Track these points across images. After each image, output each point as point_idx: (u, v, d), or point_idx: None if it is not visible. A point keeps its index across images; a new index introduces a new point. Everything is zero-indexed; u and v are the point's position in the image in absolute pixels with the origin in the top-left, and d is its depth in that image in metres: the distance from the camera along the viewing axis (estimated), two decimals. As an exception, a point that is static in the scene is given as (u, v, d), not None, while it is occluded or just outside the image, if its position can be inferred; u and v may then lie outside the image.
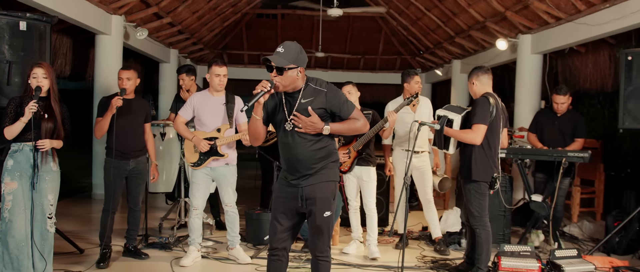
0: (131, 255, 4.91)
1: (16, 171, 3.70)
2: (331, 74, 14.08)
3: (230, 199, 4.87)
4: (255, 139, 3.25)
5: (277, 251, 3.24)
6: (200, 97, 4.77)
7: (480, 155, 4.33)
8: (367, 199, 5.22)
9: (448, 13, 9.82)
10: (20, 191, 3.68)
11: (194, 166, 4.77)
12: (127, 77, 4.68)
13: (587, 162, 5.23)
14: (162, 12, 9.03)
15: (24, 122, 3.63)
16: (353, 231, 5.46)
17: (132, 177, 4.80)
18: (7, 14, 4.51)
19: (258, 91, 2.97)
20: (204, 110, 4.73)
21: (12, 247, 3.65)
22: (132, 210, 4.89)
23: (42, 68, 3.76)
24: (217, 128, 4.74)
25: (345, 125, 3.17)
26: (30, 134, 3.69)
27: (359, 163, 5.17)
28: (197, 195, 4.78)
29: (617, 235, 5.49)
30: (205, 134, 4.73)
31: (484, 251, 4.37)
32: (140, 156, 4.83)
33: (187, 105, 4.75)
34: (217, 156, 4.73)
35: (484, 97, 4.36)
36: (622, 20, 6.11)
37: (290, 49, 3.05)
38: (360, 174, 5.20)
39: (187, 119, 4.75)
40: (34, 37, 4.61)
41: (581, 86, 8.64)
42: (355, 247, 5.38)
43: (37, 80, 3.73)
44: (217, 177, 4.82)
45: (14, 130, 3.65)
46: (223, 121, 4.75)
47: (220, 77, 4.69)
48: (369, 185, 5.20)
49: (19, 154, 3.72)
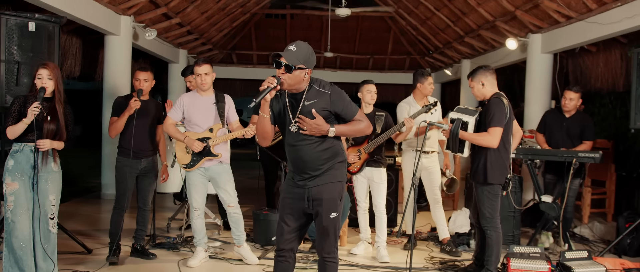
0: (139, 255, 4.92)
1: (17, 171, 3.69)
2: (340, 74, 14.08)
3: (231, 198, 4.82)
4: (263, 138, 3.23)
5: (284, 252, 3.23)
6: (190, 98, 4.75)
7: (495, 158, 4.27)
8: (377, 200, 5.18)
9: (457, 12, 9.76)
10: (21, 191, 3.68)
11: (187, 167, 4.73)
12: (144, 78, 4.72)
13: (598, 163, 5.17)
14: (171, 13, 9.06)
15: (26, 123, 3.61)
16: (361, 232, 5.42)
17: (142, 177, 4.83)
18: (16, 15, 4.54)
19: (265, 87, 2.96)
20: (194, 110, 4.70)
21: (16, 248, 3.65)
22: (142, 209, 4.91)
23: (47, 69, 3.74)
24: (210, 128, 4.71)
25: (350, 127, 3.15)
26: (32, 135, 3.66)
27: (370, 164, 5.13)
28: (195, 196, 4.76)
29: (629, 236, 5.43)
30: (197, 134, 4.69)
31: (494, 253, 4.32)
32: (152, 155, 4.86)
33: (176, 107, 4.73)
34: (210, 156, 4.70)
35: (497, 98, 4.27)
36: (633, 18, 6.03)
37: (302, 49, 3.04)
38: (370, 175, 5.17)
39: (176, 120, 4.73)
40: (42, 37, 4.65)
41: (592, 86, 8.56)
42: (363, 248, 5.35)
43: (41, 81, 3.71)
44: (213, 176, 4.78)
45: (16, 131, 3.64)
46: (215, 121, 4.73)
47: (201, 76, 4.66)
48: (380, 186, 5.16)
49: (20, 155, 3.71)
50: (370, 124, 3.23)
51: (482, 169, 4.30)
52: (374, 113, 5.18)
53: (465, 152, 4.47)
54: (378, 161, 5.14)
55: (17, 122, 3.65)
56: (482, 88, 4.39)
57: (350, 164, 5.14)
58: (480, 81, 4.39)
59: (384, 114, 5.19)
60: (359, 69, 14.25)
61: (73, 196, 8.11)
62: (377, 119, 5.12)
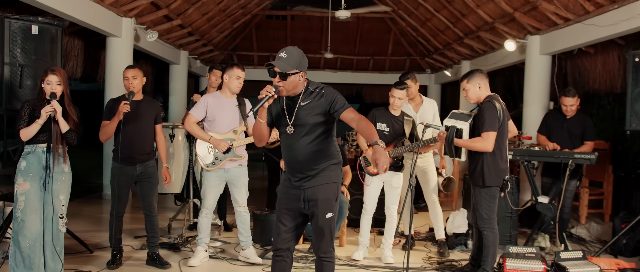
0: (153, 263, 4.74)
1: (29, 172, 3.78)
2: (340, 75, 14.13)
3: (244, 199, 4.89)
4: (259, 140, 3.35)
5: (281, 252, 3.29)
6: (214, 99, 4.76)
7: (491, 161, 4.33)
8: (389, 204, 5.10)
9: (457, 14, 9.81)
10: (32, 191, 3.77)
11: (209, 166, 4.75)
12: (132, 75, 4.56)
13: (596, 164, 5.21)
14: (172, 14, 9.12)
15: (40, 124, 3.72)
16: (361, 236, 5.22)
17: (142, 182, 4.67)
18: (20, 18, 4.60)
19: (263, 96, 3.04)
20: (219, 111, 4.72)
21: (23, 247, 3.72)
22: (148, 216, 4.72)
23: (56, 75, 3.81)
24: (233, 130, 4.77)
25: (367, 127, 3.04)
26: (43, 136, 3.79)
27: (390, 168, 4.93)
28: (209, 196, 4.80)
29: (625, 237, 5.47)
30: (221, 135, 4.71)
31: (490, 253, 4.38)
32: (148, 159, 4.68)
33: (200, 106, 4.70)
34: (234, 157, 4.75)
35: (488, 102, 4.33)
36: (630, 21, 6.08)
37: (292, 54, 3.10)
38: (389, 180, 5.06)
39: (198, 119, 4.70)
40: (45, 40, 4.70)
41: (590, 87, 8.60)
42: (362, 254, 5.18)
43: (51, 86, 3.79)
44: (231, 178, 4.82)
45: (30, 132, 3.74)
46: (239, 123, 4.79)
47: (240, 79, 4.73)
48: (396, 191, 5.09)
49: (32, 156, 3.81)
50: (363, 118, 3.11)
51: (479, 172, 4.37)
52: (403, 116, 5.07)
53: (462, 157, 4.54)
54: (398, 166, 5.06)
55: (29, 125, 3.75)
56: (479, 90, 4.45)
57: (369, 164, 5.02)
58: (478, 84, 4.44)
59: (411, 118, 5.11)
60: (359, 70, 14.30)
61: (75, 196, 8.15)
62: (406, 122, 5.04)
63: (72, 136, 3.88)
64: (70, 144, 3.92)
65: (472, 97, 4.48)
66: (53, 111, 3.73)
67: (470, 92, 4.48)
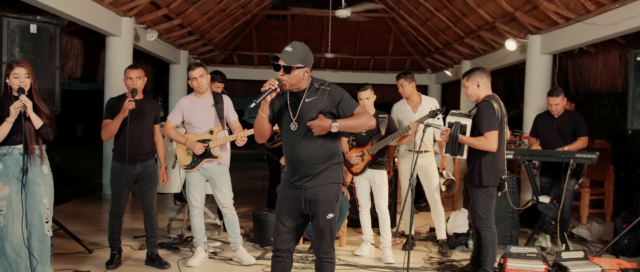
0: (152, 263, 4.73)
1: (6, 175, 3.59)
2: (341, 74, 14.11)
3: (227, 199, 4.85)
4: (260, 136, 3.28)
5: (281, 253, 3.26)
6: (189, 101, 4.78)
7: (489, 161, 4.32)
8: (379, 201, 5.18)
9: (457, 14, 9.79)
10: (13, 195, 3.59)
11: (187, 168, 4.78)
12: (137, 76, 4.53)
13: (597, 163, 5.19)
14: (172, 14, 9.10)
15: (10, 122, 3.50)
16: (364, 233, 5.40)
17: (142, 182, 4.65)
18: (18, 17, 4.57)
19: (266, 89, 3.00)
20: (194, 113, 4.74)
21: (9, 252, 3.59)
22: (148, 216, 4.71)
23: (23, 68, 3.59)
24: (210, 130, 4.75)
25: (353, 120, 3.11)
26: (18, 136, 3.57)
27: (371, 166, 5.13)
28: (195, 195, 4.81)
29: (626, 237, 5.45)
30: (198, 136, 4.73)
31: (490, 253, 4.36)
32: (148, 159, 4.67)
33: (175, 110, 4.76)
34: (210, 157, 4.74)
35: (486, 102, 4.32)
36: (632, 20, 6.06)
37: (298, 48, 3.08)
38: (372, 177, 5.17)
39: (176, 123, 4.78)
40: (44, 39, 4.67)
41: (591, 87, 8.58)
42: (367, 250, 5.34)
43: (19, 80, 3.56)
44: (211, 176, 4.81)
45: (1, 133, 3.51)
46: (215, 123, 4.77)
47: (197, 79, 4.69)
48: (382, 188, 5.17)
49: (8, 158, 3.60)
50: (372, 117, 3.18)
51: (477, 172, 4.36)
52: (377, 115, 5.14)
53: (464, 155, 4.52)
54: (379, 163, 5.15)
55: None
56: (477, 89, 4.44)
57: (352, 165, 5.17)
58: (476, 82, 4.44)
59: (386, 116, 5.18)
60: (359, 70, 14.28)
61: (75, 196, 8.14)
62: (381, 121, 5.12)
63: (47, 131, 3.65)
64: (46, 139, 3.70)
65: (471, 94, 4.49)
66: (23, 107, 3.49)
67: (469, 90, 4.49)
